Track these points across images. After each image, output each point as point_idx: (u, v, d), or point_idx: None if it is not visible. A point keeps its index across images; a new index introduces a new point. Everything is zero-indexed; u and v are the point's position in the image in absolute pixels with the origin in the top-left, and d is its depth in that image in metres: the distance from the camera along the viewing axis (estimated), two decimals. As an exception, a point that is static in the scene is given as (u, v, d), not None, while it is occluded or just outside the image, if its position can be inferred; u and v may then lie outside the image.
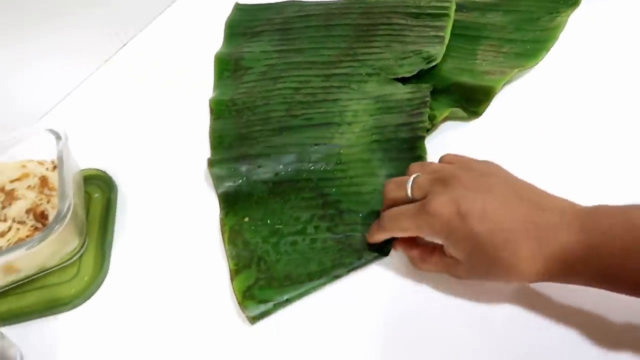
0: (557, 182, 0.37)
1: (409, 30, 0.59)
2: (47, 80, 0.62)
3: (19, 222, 0.44)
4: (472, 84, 0.52)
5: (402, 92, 0.53)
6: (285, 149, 0.49)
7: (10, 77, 0.58)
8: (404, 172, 0.42)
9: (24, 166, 0.49)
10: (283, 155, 0.49)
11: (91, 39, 0.65)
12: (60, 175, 0.44)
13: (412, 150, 0.47)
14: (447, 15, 0.59)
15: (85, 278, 0.44)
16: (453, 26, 0.59)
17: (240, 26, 0.66)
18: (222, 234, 0.45)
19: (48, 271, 0.44)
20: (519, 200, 0.33)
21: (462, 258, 0.35)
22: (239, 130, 0.54)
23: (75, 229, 0.44)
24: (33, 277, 0.44)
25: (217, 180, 0.49)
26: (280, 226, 0.45)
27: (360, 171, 0.47)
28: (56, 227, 0.40)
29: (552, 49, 0.56)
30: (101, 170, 0.53)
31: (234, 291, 0.41)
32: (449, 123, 0.51)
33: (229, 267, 0.43)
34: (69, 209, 0.42)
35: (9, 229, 0.44)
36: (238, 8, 0.68)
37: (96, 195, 0.50)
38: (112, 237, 0.48)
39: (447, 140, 0.50)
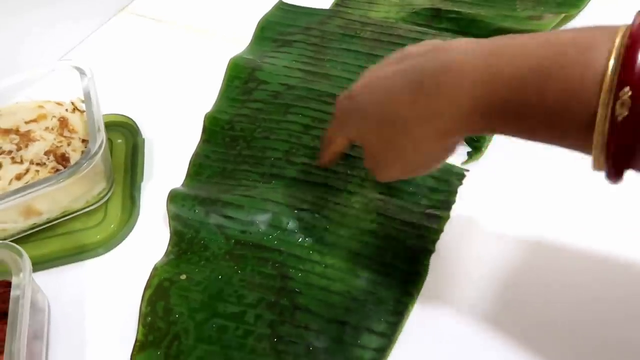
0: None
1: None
2: (60, 27, 0.59)
3: (37, 164, 0.43)
4: (518, 29, 0.49)
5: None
6: (265, 204, 0.40)
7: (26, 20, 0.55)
8: (395, 287, 0.36)
9: (40, 107, 0.47)
10: (259, 211, 0.40)
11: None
12: (89, 111, 0.42)
13: (412, 263, 0.36)
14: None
15: (112, 225, 0.42)
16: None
17: (274, 30, 0.56)
18: (145, 289, 0.37)
19: (72, 215, 0.42)
20: (412, 53, 0.29)
21: (357, 137, 0.32)
22: (224, 164, 0.45)
23: (104, 169, 0.42)
24: (56, 221, 0.42)
25: (173, 218, 0.41)
26: (218, 301, 0.36)
27: (340, 262, 0.37)
28: (85, 163, 0.39)
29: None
30: (124, 116, 0.50)
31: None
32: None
33: (137, 335, 0.35)
34: (101, 145, 0.40)
35: (27, 171, 0.42)
36: (279, 7, 0.58)
37: (119, 141, 0.48)
38: (140, 185, 0.45)
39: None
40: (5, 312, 0.35)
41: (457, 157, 0.42)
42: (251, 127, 0.47)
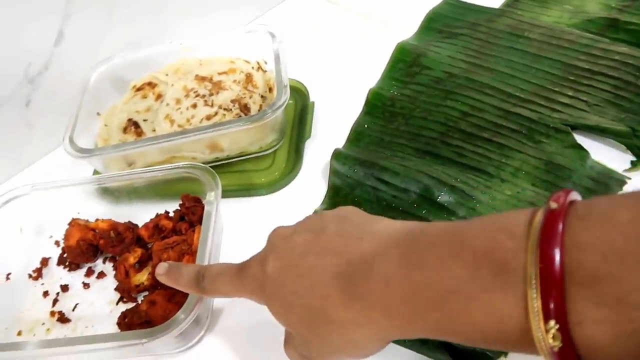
0: None
1: (634, 93, 0.46)
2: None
3: (224, 109, 0.50)
4: None
5: (586, 170, 0.42)
6: (419, 175, 0.43)
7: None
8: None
9: (232, 62, 0.54)
10: (412, 180, 0.43)
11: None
12: (278, 69, 0.48)
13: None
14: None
15: (276, 173, 0.48)
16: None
17: (440, 22, 0.59)
18: None
19: (246, 157, 0.49)
20: (332, 235, 0.27)
21: (284, 324, 0.29)
22: (382, 135, 0.49)
23: (280, 122, 0.48)
24: (233, 159, 0.49)
25: (333, 173, 0.46)
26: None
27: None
28: (269, 113, 0.44)
29: None
30: (297, 80, 0.55)
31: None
32: None
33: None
34: (285, 100, 0.45)
35: (215, 113, 0.49)
36: (448, 2, 0.61)
37: (290, 102, 0.53)
38: (305, 141, 0.50)
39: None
40: (192, 222, 0.42)
41: (620, 163, 0.42)
42: (411, 106, 0.50)
